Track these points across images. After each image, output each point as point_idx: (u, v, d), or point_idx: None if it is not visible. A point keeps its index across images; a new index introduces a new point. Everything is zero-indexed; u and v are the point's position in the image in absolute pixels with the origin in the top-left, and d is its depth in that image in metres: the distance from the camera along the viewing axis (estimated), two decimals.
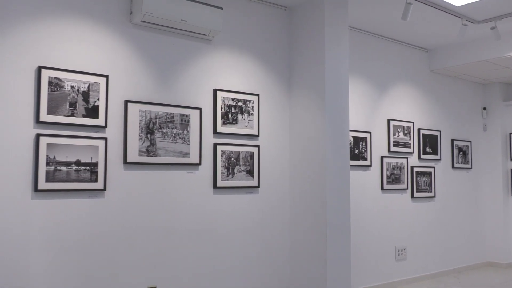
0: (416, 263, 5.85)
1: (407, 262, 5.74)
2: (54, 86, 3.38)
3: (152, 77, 3.89)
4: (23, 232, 3.24)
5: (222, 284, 4.16)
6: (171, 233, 3.90)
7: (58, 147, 3.37)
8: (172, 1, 3.76)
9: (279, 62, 4.69)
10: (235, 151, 4.29)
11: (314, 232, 4.38)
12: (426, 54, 6.24)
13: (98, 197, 3.56)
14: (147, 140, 3.79)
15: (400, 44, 5.88)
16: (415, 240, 5.86)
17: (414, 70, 6.08)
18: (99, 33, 3.64)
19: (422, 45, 6.05)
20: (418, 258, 5.88)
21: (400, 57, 5.90)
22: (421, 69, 6.18)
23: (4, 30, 3.22)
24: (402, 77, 5.91)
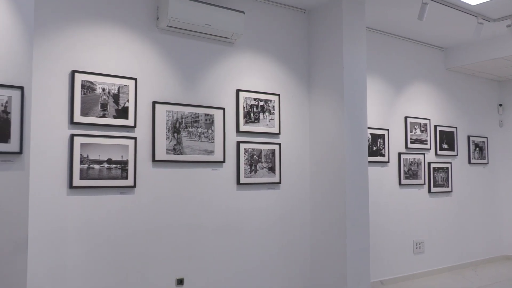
0: (433, 256, 5.79)
1: (425, 255, 5.69)
2: (87, 89, 3.45)
3: (178, 79, 3.93)
4: (60, 226, 3.32)
5: (246, 277, 4.19)
6: (197, 228, 3.94)
7: (91, 146, 3.44)
8: (196, 7, 3.80)
9: (299, 62, 4.70)
10: (257, 148, 4.31)
11: (334, 226, 4.38)
12: (442, 52, 6.16)
13: (129, 193, 3.62)
14: (174, 139, 3.84)
15: (416, 43, 5.82)
16: (432, 234, 5.80)
17: (430, 69, 6.01)
18: (127, 38, 3.70)
19: (438, 44, 5.97)
20: (435, 252, 5.82)
21: (416, 56, 5.84)
22: (437, 67, 6.10)
23: (41, 36, 3.30)
24: (418, 75, 5.85)
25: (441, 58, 6.15)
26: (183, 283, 3.83)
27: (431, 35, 5.59)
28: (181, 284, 3.82)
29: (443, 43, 5.96)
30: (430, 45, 5.98)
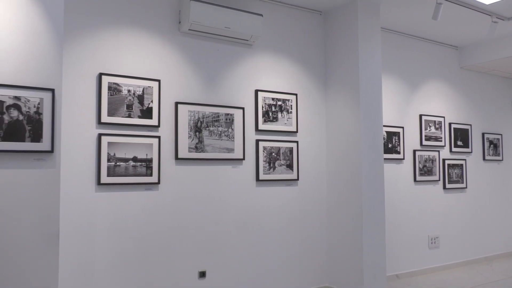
0: (448, 251, 5.70)
1: (440, 250, 5.60)
2: (113, 91, 3.49)
3: (199, 80, 3.95)
4: (89, 221, 3.36)
5: (265, 270, 4.19)
6: (218, 222, 3.95)
7: (117, 145, 3.48)
8: (216, 10, 3.80)
9: (316, 63, 4.67)
10: (275, 146, 4.30)
11: (350, 221, 4.35)
12: (456, 51, 6.05)
13: (153, 189, 3.65)
14: (195, 137, 3.86)
15: (430, 42, 5.73)
16: (447, 229, 5.71)
17: (445, 67, 5.91)
18: (151, 41, 3.72)
19: (452, 43, 5.87)
20: (450, 246, 5.72)
21: (430, 55, 5.74)
22: (451, 66, 5.99)
23: (70, 41, 3.34)
24: (433, 74, 5.76)
25: (455, 56, 6.04)
26: (205, 275, 3.85)
27: (445, 34, 5.50)
28: (203, 277, 3.84)
29: (457, 42, 5.85)
30: (444, 44, 5.88)
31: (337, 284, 4.46)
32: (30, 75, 2.65)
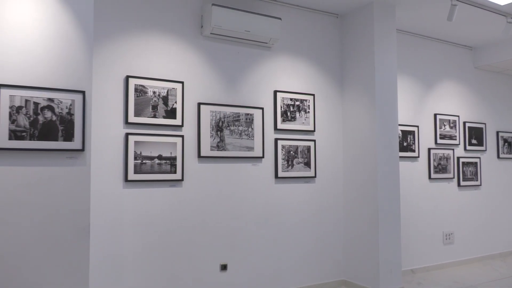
0: (463, 247, 5.60)
1: (454, 246, 5.51)
2: (139, 92, 3.53)
3: (221, 82, 3.96)
4: (117, 216, 3.41)
5: (283, 264, 4.19)
6: (239, 218, 3.97)
7: (143, 144, 3.52)
8: (236, 15, 3.81)
9: (332, 64, 4.64)
10: (293, 145, 4.29)
11: (366, 218, 4.31)
12: (470, 51, 5.93)
13: (177, 186, 3.68)
14: (217, 136, 3.88)
15: (445, 43, 5.63)
16: (462, 226, 5.61)
17: (459, 67, 5.80)
18: (175, 45, 3.75)
19: (466, 43, 5.75)
20: (465, 242, 5.62)
21: (445, 55, 5.65)
22: (465, 66, 5.88)
23: (99, 45, 3.40)
24: (447, 74, 5.66)
25: (469, 57, 5.93)
26: (226, 268, 3.87)
27: (460, 35, 5.40)
28: (224, 270, 3.86)
29: (471, 43, 5.74)
30: (459, 44, 5.77)
31: (354, 279, 4.43)
32: (63, 78, 2.70)
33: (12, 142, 2.52)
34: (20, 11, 2.60)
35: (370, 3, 4.34)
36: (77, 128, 2.71)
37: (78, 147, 2.70)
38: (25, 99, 2.57)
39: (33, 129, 2.58)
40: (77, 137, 2.70)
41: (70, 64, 2.72)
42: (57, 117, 2.65)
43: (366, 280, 4.28)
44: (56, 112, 2.65)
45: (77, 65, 2.75)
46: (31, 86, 2.59)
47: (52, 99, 2.64)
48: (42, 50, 2.65)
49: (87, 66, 2.78)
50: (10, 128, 2.53)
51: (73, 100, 2.70)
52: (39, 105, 2.60)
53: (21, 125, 2.56)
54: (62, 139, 2.66)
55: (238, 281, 3.92)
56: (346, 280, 4.50)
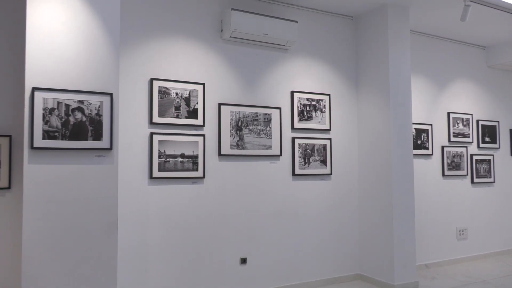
0: (476, 243, 5.50)
1: (468, 242, 5.42)
2: (163, 94, 3.56)
3: (240, 83, 3.97)
4: (142, 211, 3.46)
5: (300, 257, 4.19)
6: (258, 213, 3.98)
7: (167, 143, 3.55)
8: (254, 19, 3.81)
9: (347, 65, 4.61)
10: (310, 143, 4.28)
11: (381, 214, 4.27)
12: (483, 51, 5.81)
13: (199, 183, 3.71)
14: (236, 135, 3.89)
15: (458, 43, 5.53)
16: (475, 222, 5.51)
17: (472, 66, 5.69)
18: (196, 49, 3.77)
19: (479, 43, 5.64)
20: (478, 238, 5.52)
21: (458, 55, 5.55)
22: (478, 65, 5.76)
23: (125, 50, 3.44)
24: (460, 73, 5.56)
25: (482, 56, 5.81)
26: (246, 261, 3.88)
27: (472, 35, 5.30)
28: (244, 263, 3.87)
29: (484, 42, 5.62)
30: (472, 44, 5.66)
31: (369, 272, 4.40)
32: (92, 81, 2.74)
33: (45, 141, 2.58)
34: (51, 18, 2.65)
35: (384, 5, 4.29)
36: (105, 128, 2.74)
37: (106, 146, 2.74)
38: (57, 101, 2.62)
39: (64, 129, 2.63)
40: (105, 136, 2.74)
41: (98, 67, 2.76)
42: (87, 118, 2.70)
43: (381, 274, 4.25)
44: (86, 113, 2.69)
45: (105, 69, 2.78)
46: (63, 89, 2.64)
47: (82, 101, 2.69)
48: (72, 55, 2.69)
49: (114, 69, 2.81)
50: (44, 128, 2.58)
51: (101, 101, 2.74)
52: (70, 106, 2.65)
53: (53, 126, 2.61)
54: (92, 139, 2.70)
55: (257, 274, 3.93)
56: (361, 274, 4.47)
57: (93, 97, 2.72)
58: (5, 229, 2.99)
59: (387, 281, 4.17)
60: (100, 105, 2.74)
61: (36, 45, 2.59)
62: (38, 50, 2.60)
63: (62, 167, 2.63)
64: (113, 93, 2.79)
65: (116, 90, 2.81)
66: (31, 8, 2.60)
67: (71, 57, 2.69)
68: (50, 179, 2.59)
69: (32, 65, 2.58)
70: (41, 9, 2.62)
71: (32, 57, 2.58)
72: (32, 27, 2.59)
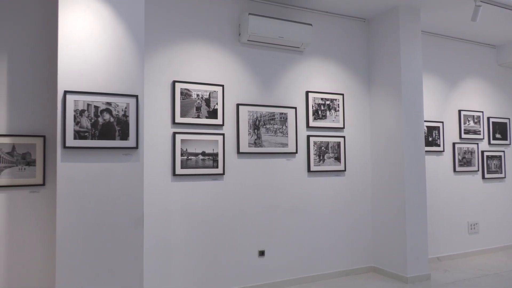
0: (487, 237, 5.39)
1: (479, 236, 5.32)
2: (185, 95, 3.59)
3: (257, 84, 3.98)
4: (166, 206, 3.50)
5: (316, 250, 4.18)
6: (275, 208, 3.98)
7: (188, 141, 3.58)
8: (271, 23, 3.81)
9: (360, 65, 4.56)
10: (324, 141, 4.26)
11: (394, 209, 4.23)
12: (494, 50, 5.68)
13: (219, 179, 3.73)
14: (254, 134, 3.90)
15: (469, 42, 5.42)
16: (486, 216, 5.40)
17: (483, 65, 5.57)
18: (216, 52, 3.79)
19: (490, 42, 5.51)
20: (489, 232, 5.41)
21: (469, 54, 5.43)
22: (489, 63, 5.63)
23: (149, 54, 3.48)
24: (471, 71, 5.45)
25: (493, 55, 5.68)
26: (264, 254, 3.89)
27: (483, 34, 5.18)
28: (262, 255, 3.88)
29: (495, 41, 5.50)
30: (483, 43, 5.54)
31: (382, 265, 4.36)
32: (118, 84, 2.78)
33: (76, 141, 2.63)
34: (80, 26, 2.70)
35: (395, 7, 4.23)
36: (132, 128, 2.78)
37: (132, 145, 2.77)
38: (87, 103, 2.67)
39: (94, 129, 2.68)
40: (131, 136, 2.78)
41: (124, 71, 2.80)
42: (114, 119, 2.74)
43: (394, 266, 4.21)
44: (114, 114, 2.74)
45: (131, 72, 2.82)
46: (92, 92, 2.69)
47: (110, 102, 2.73)
48: (100, 60, 2.74)
49: (139, 73, 2.84)
50: (75, 129, 2.63)
51: (127, 103, 2.77)
52: (99, 108, 2.70)
53: (84, 126, 2.66)
54: (119, 138, 2.74)
55: (275, 266, 3.94)
56: (375, 266, 4.44)
57: (120, 99, 2.76)
58: (40, 223, 3.07)
59: (400, 273, 4.13)
60: (126, 107, 2.77)
61: (67, 51, 2.65)
62: (69, 56, 2.65)
63: (92, 165, 2.68)
64: (138, 95, 2.82)
65: (141, 92, 2.84)
66: (63, 18, 2.65)
67: (100, 62, 2.73)
68: (81, 176, 2.64)
69: (64, 70, 2.63)
70: (71, 18, 2.68)
71: (64, 62, 2.63)
72: (63, 35, 2.65)
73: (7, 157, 2.97)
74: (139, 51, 2.85)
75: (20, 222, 3.01)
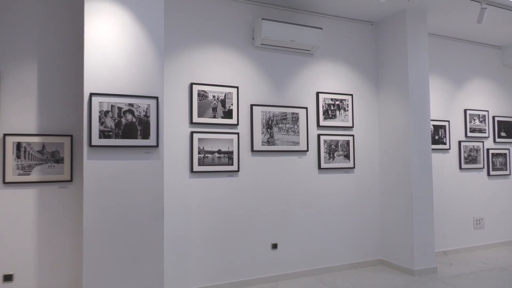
0: (492, 232, 5.31)
1: (484, 231, 5.24)
2: (201, 97, 3.62)
3: (270, 86, 3.98)
4: (184, 201, 3.53)
5: (326, 244, 4.17)
6: (287, 203, 3.99)
7: (205, 140, 3.61)
8: (283, 27, 3.81)
9: (369, 67, 4.53)
10: (334, 139, 4.25)
11: (401, 204, 4.20)
12: (499, 50, 5.58)
13: (234, 176, 3.75)
14: (267, 133, 3.91)
15: (474, 44, 5.33)
16: (491, 212, 5.32)
17: (488, 66, 5.48)
18: (230, 55, 3.81)
19: (495, 43, 5.42)
20: (494, 227, 5.33)
21: (474, 55, 5.35)
22: (494, 64, 5.54)
23: (169, 57, 3.52)
24: (477, 72, 5.36)
25: (498, 55, 5.58)
26: (277, 247, 3.90)
27: (488, 35, 5.10)
28: (275, 248, 3.90)
29: (500, 42, 5.40)
30: (488, 44, 5.45)
31: (390, 258, 4.34)
32: (140, 86, 2.82)
33: (101, 140, 2.68)
34: (104, 32, 2.74)
35: (403, 10, 4.19)
36: (152, 128, 2.81)
37: (153, 144, 2.81)
38: (111, 104, 2.71)
39: (117, 129, 2.72)
40: (152, 135, 2.81)
41: (145, 74, 2.84)
42: (136, 119, 2.78)
43: (402, 259, 4.18)
44: (136, 115, 2.77)
45: (151, 75, 2.85)
46: (115, 94, 2.73)
47: (132, 104, 2.77)
48: (123, 64, 2.78)
49: (159, 76, 2.88)
50: (100, 128, 2.68)
51: (148, 104, 2.81)
52: (122, 109, 2.74)
53: (108, 126, 2.70)
54: (141, 137, 2.78)
55: (287, 258, 3.95)
56: (383, 259, 4.41)
57: (142, 101, 2.79)
58: (68, 216, 3.14)
59: (408, 266, 4.10)
60: (147, 108, 2.81)
61: (92, 56, 2.69)
62: (94, 61, 2.69)
63: (116, 163, 2.72)
64: (158, 97, 2.85)
65: (161, 94, 2.87)
66: (88, 25, 2.70)
67: (123, 66, 2.77)
68: (106, 173, 2.69)
69: (90, 74, 2.68)
70: (96, 25, 2.72)
71: (89, 67, 2.68)
72: (89, 41, 2.70)
73: (37, 155, 3.04)
74: (159, 55, 2.88)
75: (50, 215, 3.08)
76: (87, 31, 2.69)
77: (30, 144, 3.02)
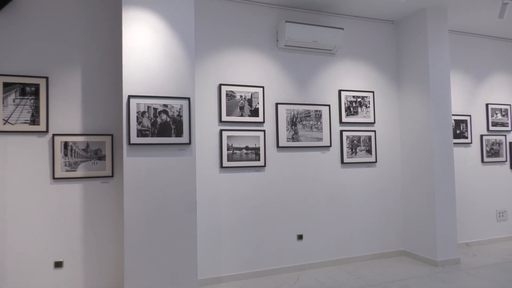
0: None
1: (507, 223, 5.03)
2: (229, 97, 3.65)
3: (294, 85, 3.97)
4: (215, 194, 3.58)
5: (350, 235, 4.13)
6: (311, 197, 3.97)
7: (233, 137, 3.64)
8: (305, 28, 3.79)
9: (389, 64, 4.44)
10: (356, 135, 4.19)
11: (423, 198, 4.10)
12: None
13: (261, 171, 3.77)
14: (292, 130, 3.90)
15: (495, 39, 5.11)
16: None
17: (509, 61, 5.24)
18: (256, 57, 3.82)
19: None
20: None
21: (495, 50, 5.13)
22: None
23: (199, 61, 3.57)
24: (498, 67, 5.14)
25: None
26: (302, 238, 3.90)
27: (509, 30, 4.87)
28: (300, 239, 3.89)
29: None
30: (509, 39, 5.21)
31: (413, 249, 4.24)
32: (173, 88, 2.88)
33: (139, 138, 2.75)
34: (141, 39, 2.81)
35: (423, 8, 4.08)
36: (185, 126, 2.86)
37: (186, 141, 2.86)
38: (147, 105, 2.78)
39: (153, 128, 2.79)
40: (185, 133, 2.86)
41: (178, 77, 2.89)
42: (170, 119, 2.83)
43: (424, 251, 4.08)
44: (170, 115, 2.83)
45: (183, 78, 2.90)
46: (151, 96, 2.80)
47: (166, 105, 2.83)
48: (158, 68, 2.84)
49: (190, 78, 2.92)
50: (137, 128, 2.76)
51: (181, 105, 2.86)
52: (157, 110, 2.80)
53: (145, 126, 2.78)
54: (174, 136, 2.84)
55: (312, 249, 3.94)
56: (406, 251, 4.32)
57: (175, 101, 2.85)
58: (110, 208, 3.25)
59: (430, 257, 4.00)
60: (180, 108, 2.86)
61: (130, 61, 2.77)
62: (132, 65, 2.77)
63: (152, 159, 2.79)
64: (190, 98, 2.89)
65: (192, 95, 2.91)
66: (126, 32, 2.78)
67: (157, 70, 2.84)
68: (144, 169, 2.76)
69: (128, 77, 2.76)
70: (133, 32, 2.80)
71: (128, 71, 2.76)
72: (127, 47, 2.77)
73: (82, 153, 3.16)
74: (190, 59, 2.92)
75: (94, 207, 3.20)
76: (125, 38, 2.77)
77: (75, 143, 3.14)
